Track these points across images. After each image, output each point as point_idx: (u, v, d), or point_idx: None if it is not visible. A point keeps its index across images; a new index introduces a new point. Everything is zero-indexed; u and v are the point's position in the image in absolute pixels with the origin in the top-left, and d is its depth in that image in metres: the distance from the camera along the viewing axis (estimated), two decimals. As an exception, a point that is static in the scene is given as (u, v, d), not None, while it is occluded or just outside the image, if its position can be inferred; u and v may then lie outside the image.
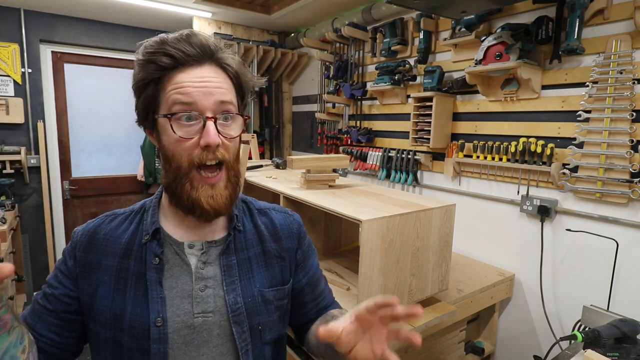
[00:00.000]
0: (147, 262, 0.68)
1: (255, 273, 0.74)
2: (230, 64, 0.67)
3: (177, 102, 0.62)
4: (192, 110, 0.62)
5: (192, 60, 0.64)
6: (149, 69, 0.63)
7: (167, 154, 0.65)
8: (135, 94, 0.67)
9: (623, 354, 1.07)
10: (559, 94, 1.69)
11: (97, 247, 0.70)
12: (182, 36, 0.64)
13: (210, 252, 0.71)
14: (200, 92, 0.62)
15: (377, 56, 2.54)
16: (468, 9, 1.64)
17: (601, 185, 1.54)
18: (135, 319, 0.65)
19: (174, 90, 0.63)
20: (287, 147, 3.71)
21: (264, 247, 0.77)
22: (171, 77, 0.63)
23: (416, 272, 1.37)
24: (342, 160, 1.76)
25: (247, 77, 0.71)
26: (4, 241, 2.24)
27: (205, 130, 0.62)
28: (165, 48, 0.63)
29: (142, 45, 0.65)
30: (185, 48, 0.63)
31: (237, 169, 0.70)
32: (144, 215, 0.73)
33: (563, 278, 1.73)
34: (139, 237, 0.70)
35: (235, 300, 0.70)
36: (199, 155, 0.63)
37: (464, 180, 2.12)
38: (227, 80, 0.67)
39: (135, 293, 0.67)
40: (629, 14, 1.45)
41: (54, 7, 2.87)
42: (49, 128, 3.11)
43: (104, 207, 3.56)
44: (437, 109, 2.05)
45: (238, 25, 3.24)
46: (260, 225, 0.79)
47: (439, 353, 1.63)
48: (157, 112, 0.65)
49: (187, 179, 0.64)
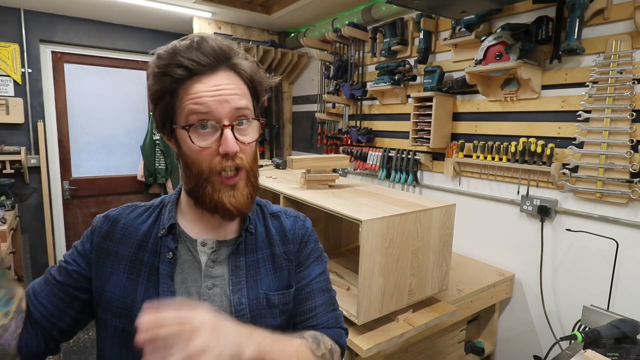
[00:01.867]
0: (161, 256, 0.69)
1: (262, 276, 0.74)
2: (245, 69, 0.67)
3: (194, 112, 0.63)
4: (209, 119, 0.63)
5: (205, 68, 0.63)
6: (164, 82, 0.64)
7: (187, 161, 0.67)
8: (152, 103, 0.68)
9: (623, 354, 1.07)
10: (559, 94, 1.68)
11: (115, 235, 0.72)
12: (194, 44, 0.63)
13: (220, 251, 0.72)
14: (216, 100, 0.63)
15: (377, 56, 2.54)
16: (468, 9, 1.64)
17: (601, 185, 1.54)
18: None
19: (190, 101, 0.63)
20: (287, 147, 3.71)
21: (272, 250, 0.78)
22: (186, 87, 0.64)
23: (416, 272, 1.37)
24: (342, 160, 1.76)
25: (262, 78, 0.71)
26: (4, 241, 2.24)
27: (223, 139, 0.63)
28: (178, 60, 0.62)
29: (155, 55, 0.65)
30: (199, 57, 0.63)
31: (255, 170, 0.71)
32: (162, 210, 0.75)
33: (563, 278, 1.73)
34: (156, 231, 0.72)
35: (239, 301, 0.70)
36: (219, 163, 0.65)
37: (464, 180, 2.12)
38: (242, 85, 0.67)
39: (147, 285, 0.68)
40: (629, 14, 1.45)
41: (54, 7, 2.87)
42: (49, 128, 3.11)
43: (104, 207, 3.56)
44: (437, 109, 2.04)
45: (238, 25, 3.24)
46: (271, 229, 0.80)
47: (439, 353, 1.63)
48: (174, 122, 0.66)
49: (209, 183, 0.66)
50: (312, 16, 2.92)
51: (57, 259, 3.27)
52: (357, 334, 1.29)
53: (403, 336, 1.32)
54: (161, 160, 3.50)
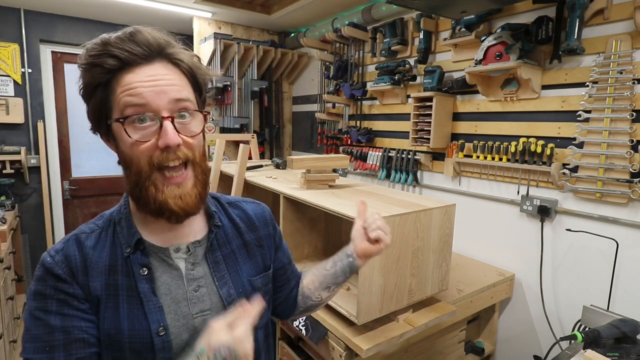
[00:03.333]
0: (136, 274, 0.65)
1: (241, 264, 0.76)
2: (182, 59, 0.64)
3: (129, 104, 0.59)
4: (146, 112, 0.59)
5: (140, 59, 0.60)
6: (95, 73, 0.60)
7: (125, 160, 0.63)
8: (84, 100, 0.64)
9: (623, 354, 1.07)
10: (559, 94, 1.69)
11: (84, 269, 0.64)
12: (126, 35, 0.60)
13: (196, 252, 0.71)
14: (152, 91, 0.59)
15: (377, 56, 2.54)
16: (468, 9, 1.64)
17: (601, 185, 1.54)
18: (134, 334, 0.63)
19: (124, 92, 0.59)
20: (287, 147, 3.71)
21: (243, 238, 0.79)
22: (119, 79, 0.60)
23: (416, 272, 1.37)
24: (342, 160, 1.76)
25: (202, 71, 0.68)
26: (4, 241, 2.24)
27: (163, 131, 0.60)
28: (108, 49, 0.59)
29: (84, 48, 0.61)
30: (131, 47, 0.59)
31: (205, 166, 0.68)
32: (115, 228, 0.68)
33: (563, 278, 1.73)
34: (120, 251, 0.66)
35: (228, 293, 0.71)
36: (158, 157, 0.60)
37: (464, 180, 2.12)
38: (181, 77, 0.64)
39: (129, 308, 0.63)
40: (629, 14, 1.45)
41: (54, 7, 2.87)
42: (49, 128, 3.11)
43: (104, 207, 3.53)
44: (437, 109, 2.04)
45: (238, 25, 3.24)
46: (235, 218, 0.80)
47: (438, 353, 1.63)
48: (109, 117, 0.62)
49: (150, 181, 0.61)
50: (312, 16, 2.92)
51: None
52: (357, 334, 1.29)
53: (403, 336, 1.32)
54: (161, 160, 3.50)
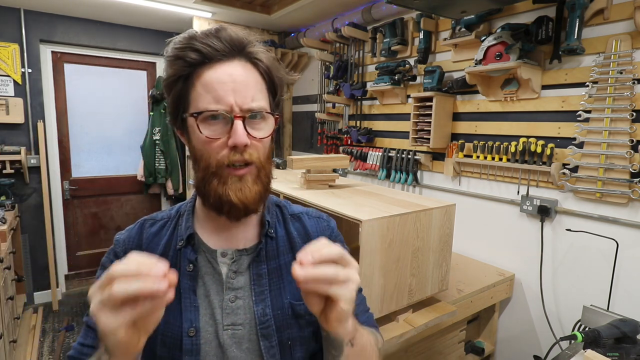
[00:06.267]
0: (181, 269, 0.66)
1: (285, 284, 0.70)
2: (262, 59, 0.64)
3: (204, 100, 0.60)
4: (220, 109, 0.60)
5: (221, 55, 0.61)
6: (177, 65, 0.61)
7: (195, 155, 0.64)
8: (165, 92, 0.66)
9: (623, 354, 1.07)
10: (559, 94, 1.69)
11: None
12: (211, 31, 0.62)
13: (241, 260, 0.68)
14: (227, 89, 0.60)
15: (377, 56, 2.54)
16: (468, 9, 1.64)
17: (601, 185, 1.54)
18: (168, 327, 0.63)
19: (202, 88, 0.61)
20: (287, 147, 3.71)
21: (295, 254, 0.72)
22: (199, 73, 0.61)
23: (416, 272, 1.37)
24: (342, 160, 1.76)
25: (280, 73, 0.67)
26: (4, 241, 2.24)
27: (233, 130, 0.60)
28: (193, 43, 0.60)
29: (172, 41, 0.63)
30: (213, 43, 0.60)
31: (269, 169, 0.67)
32: (179, 221, 0.71)
33: (563, 278, 1.73)
34: (174, 243, 0.69)
35: (264, 311, 0.66)
36: (227, 156, 0.61)
37: (464, 180, 2.12)
38: (258, 77, 0.64)
39: None
40: (629, 14, 1.45)
41: (54, 7, 2.87)
42: (49, 128, 3.11)
43: (104, 207, 3.56)
44: (437, 109, 2.04)
45: (238, 25, 3.23)
46: (292, 232, 0.75)
47: (438, 353, 1.63)
48: (185, 111, 0.63)
49: (215, 176, 0.62)
50: (312, 16, 2.92)
51: (57, 259, 3.27)
52: (357, 334, 1.29)
53: (403, 336, 1.32)
54: (161, 161, 3.50)
